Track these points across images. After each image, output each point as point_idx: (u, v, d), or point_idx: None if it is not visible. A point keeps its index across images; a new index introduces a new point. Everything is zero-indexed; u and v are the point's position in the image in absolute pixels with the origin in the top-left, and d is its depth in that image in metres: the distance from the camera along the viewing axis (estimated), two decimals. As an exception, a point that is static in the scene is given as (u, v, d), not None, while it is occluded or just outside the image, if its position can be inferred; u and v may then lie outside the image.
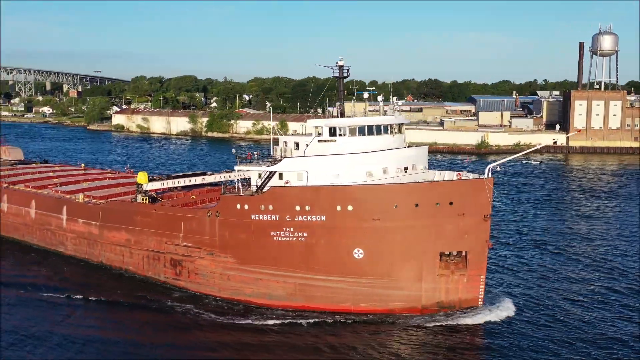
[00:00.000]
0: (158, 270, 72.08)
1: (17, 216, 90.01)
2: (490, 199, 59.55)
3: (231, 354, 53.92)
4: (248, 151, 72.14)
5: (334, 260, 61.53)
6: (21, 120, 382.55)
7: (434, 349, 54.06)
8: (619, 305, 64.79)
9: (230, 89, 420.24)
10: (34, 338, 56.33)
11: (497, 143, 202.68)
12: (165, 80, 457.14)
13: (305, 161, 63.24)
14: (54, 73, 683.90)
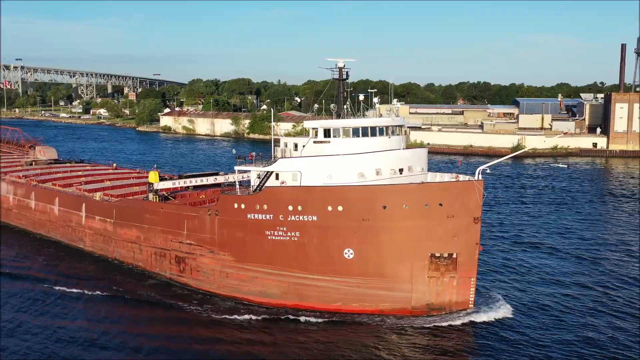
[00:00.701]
0: (164, 267, 73.51)
1: (43, 213, 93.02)
2: (480, 201, 58.74)
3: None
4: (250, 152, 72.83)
5: (325, 260, 61.67)
6: (77, 121, 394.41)
7: (422, 350, 53.46)
8: (616, 310, 63.11)
9: (280, 92, 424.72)
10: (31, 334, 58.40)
11: (534, 146, 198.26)
12: (221, 83, 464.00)
13: (299, 162, 63.58)
14: (115, 76, 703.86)
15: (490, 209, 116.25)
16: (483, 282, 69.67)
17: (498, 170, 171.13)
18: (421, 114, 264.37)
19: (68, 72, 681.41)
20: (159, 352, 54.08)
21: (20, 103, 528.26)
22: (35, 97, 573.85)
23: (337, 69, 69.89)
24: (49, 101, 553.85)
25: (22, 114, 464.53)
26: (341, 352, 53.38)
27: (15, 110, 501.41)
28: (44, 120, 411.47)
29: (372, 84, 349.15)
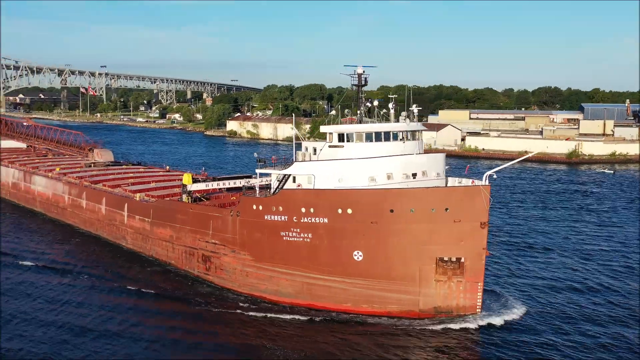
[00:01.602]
0: (193, 265, 75.98)
1: (92, 212, 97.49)
2: (486, 206, 58.31)
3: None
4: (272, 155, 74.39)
5: (335, 261, 62.52)
6: (151, 126, 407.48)
7: (427, 353, 53.49)
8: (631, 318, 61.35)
9: (349, 97, 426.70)
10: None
11: (591, 152, 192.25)
12: (295, 89, 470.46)
13: (313, 165, 64.79)
14: (194, 82, 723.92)
15: (509, 212, 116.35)
16: (492, 287, 69.10)
17: (543, 175, 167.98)
18: (482, 119, 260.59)
19: (150, 78, 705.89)
20: (179, 344, 56.23)
21: (102, 108, 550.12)
22: (116, 102, 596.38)
23: (357, 75, 70.80)
24: (130, 106, 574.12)
25: (103, 119, 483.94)
26: (346, 352, 53.83)
27: (97, 115, 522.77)
28: (121, 124, 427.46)
29: (423, 89, 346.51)
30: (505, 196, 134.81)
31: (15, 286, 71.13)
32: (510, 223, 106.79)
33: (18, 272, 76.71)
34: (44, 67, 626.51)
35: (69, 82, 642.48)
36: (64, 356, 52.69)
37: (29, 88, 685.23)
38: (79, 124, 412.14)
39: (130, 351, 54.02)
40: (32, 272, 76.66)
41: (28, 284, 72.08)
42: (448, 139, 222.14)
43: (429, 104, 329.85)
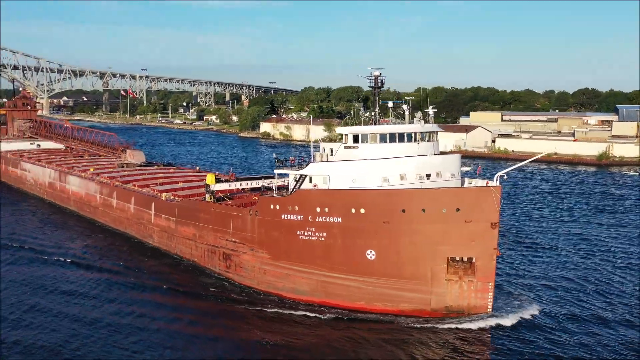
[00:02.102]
0: (214, 263, 77.51)
1: (122, 211, 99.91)
2: (497, 206, 58.44)
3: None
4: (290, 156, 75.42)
5: (349, 260, 63.29)
6: (188, 127, 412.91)
7: (439, 351, 53.86)
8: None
9: (384, 99, 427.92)
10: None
11: (622, 154, 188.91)
12: (332, 91, 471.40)
13: (328, 166, 65.69)
14: (233, 85, 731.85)
15: (524, 212, 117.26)
16: (504, 286, 69.46)
17: (567, 177, 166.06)
18: (515, 121, 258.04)
19: (189, 80, 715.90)
20: (198, 337, 57.76)
21: (141, 110, 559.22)
22: (156, 104, 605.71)
23: (373, 77, 71.49)
24: (169, 108, 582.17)
25: (141, 121, 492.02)
26: (356, 350, 54.63)
27: (137, 117, 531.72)
28: (159, 126, 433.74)
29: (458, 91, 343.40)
30: (521, 196, 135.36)
31: (38, 280, 73.63)
32: (525, 223, 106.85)
33: (45, 266, 79.38)
34: (87, 70, 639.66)
35: (111, 85, 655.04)
36: (86, 348, 54.60)
37: (73, 91, 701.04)
38: (118, 126, 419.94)
39: (150, 343, 55.81)
40: (59, 267, 79.18)
41: (54, 278, 74.42)
42: (478, 141, 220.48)
43: (463, 105, 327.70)
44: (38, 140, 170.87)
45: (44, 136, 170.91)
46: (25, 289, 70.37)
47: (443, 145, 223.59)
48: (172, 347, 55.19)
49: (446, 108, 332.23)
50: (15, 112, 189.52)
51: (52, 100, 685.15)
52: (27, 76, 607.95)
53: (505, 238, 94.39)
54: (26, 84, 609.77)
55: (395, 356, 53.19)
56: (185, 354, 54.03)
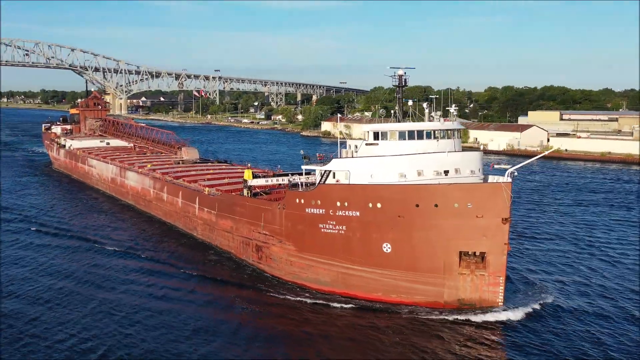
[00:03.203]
0: (248, 254, 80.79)
1: (171, 205, 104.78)
2: (507, 202, 59.09)
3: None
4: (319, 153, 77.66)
5: (367, 253, 65.18)
6: (255, 127, 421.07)
7: (449, 343, 54.85)
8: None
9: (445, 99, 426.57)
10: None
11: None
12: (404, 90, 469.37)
13: (348, 162, 67.79)
14: (304, 85, 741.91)
15: (544, 208, 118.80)
16: (516, 281, 70.42)
17: (612, 175, 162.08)
18: (574, 120, 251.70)
19: (261, 81, 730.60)
20: (227, 322, 60.78)
21: (213, 110, 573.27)
22: (227, 105, 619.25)
23: (397, 76, 73.11)
24: (240, 108, 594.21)
25: (212, 120, 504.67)
26: (374, 338, 56.44)
27: (208, 116, 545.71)
28: (227, 125, 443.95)
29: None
30: (543, 193, 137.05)
31: (90, 268, 78.65)
32: (545, 219, 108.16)
33: (95, 254, 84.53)
34: (163, 72, 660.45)
35: (185, 86, 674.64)
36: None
37: (153, 91, 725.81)
38: (189, 125, 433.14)
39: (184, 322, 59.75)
40: (110, 257, 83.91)
41: (106, 266, 79.17)
42: (533, 140, 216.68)
43: (528, 105, 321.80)
44: (107, 138, 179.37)
45: (111, 134, 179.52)
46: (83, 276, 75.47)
47: (496, 144, 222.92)
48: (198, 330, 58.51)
49: (510, 107, 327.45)
50: (87, 111, 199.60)
51: (132, 100, 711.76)
52: (107, 78, 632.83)
53: (524, 233, 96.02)
54: (106, 85, 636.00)
55: (407, 348, 54.29)
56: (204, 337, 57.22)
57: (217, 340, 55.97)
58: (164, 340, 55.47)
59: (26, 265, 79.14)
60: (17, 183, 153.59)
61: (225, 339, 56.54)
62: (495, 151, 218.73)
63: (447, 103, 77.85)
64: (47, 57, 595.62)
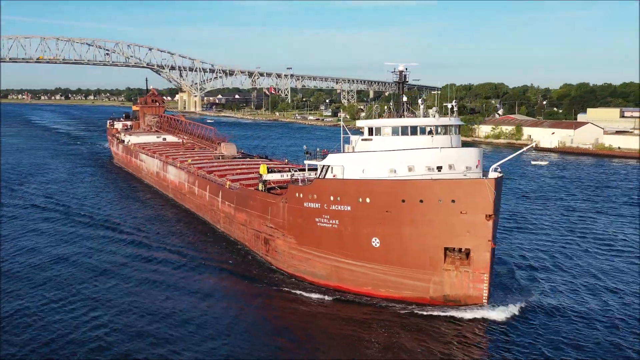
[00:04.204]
0: (258, 247, 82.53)
1: (201, 198, 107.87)
2: (491, 199, 58.22)
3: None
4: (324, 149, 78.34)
5: (357, 247, 65.58)
6: (318, 123, 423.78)
7: (432, 339, 54.66)
8: None
9: (515, 96, 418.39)
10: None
11: None
12: (473, 87, 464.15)
13: (343, 157, 68.35)
14: (376, 82, 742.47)
15: (544, 204, 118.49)
16: (504, 278, 69.81)
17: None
18: (636, 117, 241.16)
19: (333, 78, 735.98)
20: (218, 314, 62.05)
21: (282, 107, 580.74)
22: (296, 102, 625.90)
23: (398, 72, 73.02)
24: (310, 106, 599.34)
25: (279, 117, 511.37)
26: (354, 333, 56.76)
27: (276, 113, 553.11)
28: (293, 122, 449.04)
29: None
30: (544, 188, 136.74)
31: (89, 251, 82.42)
32: (542, 215, 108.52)
33: (122, 245, 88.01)
34: (236, 70, 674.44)
35: (258, 84, 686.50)
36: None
37: (230, 89, 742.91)
38: (256, 122, 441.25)
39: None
40: (133, 247, 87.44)
41: (128, 256, 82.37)
42: (587, 137, 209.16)
43: (594, 102, 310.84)
44: (163, 134, 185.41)
45: (165, 130, 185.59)
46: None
47: (548, 142, 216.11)
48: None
49: (578, 104, 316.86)
50: (146, 108, 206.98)
51: (208, 98, 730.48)
52: (183, 76, 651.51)
53: (526, 229, 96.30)
54: (182, 83, 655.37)
55: (385, 345, 54.22)
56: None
57: (200, 331, 57.34)
58: (148, 328, 57.36)
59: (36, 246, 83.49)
60: (72, 174, 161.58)
61: (209, 331, 57.27)
62: (547, 148, 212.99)
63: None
64: (126, 56, 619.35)
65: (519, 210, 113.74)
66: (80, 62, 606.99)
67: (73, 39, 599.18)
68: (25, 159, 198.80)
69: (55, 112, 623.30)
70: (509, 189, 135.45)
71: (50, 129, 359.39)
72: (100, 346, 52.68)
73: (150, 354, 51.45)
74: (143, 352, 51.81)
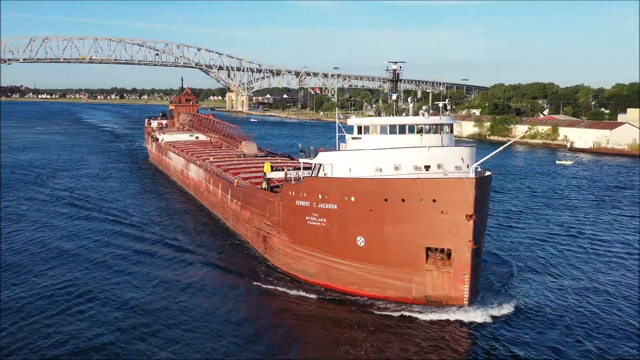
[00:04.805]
0: (258, 244, 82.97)
1: (214, 195, 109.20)
2: (472, 199, 57.15)
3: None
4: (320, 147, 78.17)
5: (344, 245, 65.23)
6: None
7: (409, 340, 53.87)
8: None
9: (565, 95, 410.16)
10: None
11: None
12: (521, 87, 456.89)
13: (331, 155, 68.20)
14: (424, 82, 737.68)
15: (545, 202, 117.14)
16: (492, 279, 68.82)
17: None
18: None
19: (379, 78, 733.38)
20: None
21: (327, 107, 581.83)
22: (342, 101, 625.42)
23: (391, 70, 72.46)
24: (355, 105, 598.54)
25: (322, 117, 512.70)
26: (334, 333, 56.23)
27: (320, 113, 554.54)
28: (334, 121, 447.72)
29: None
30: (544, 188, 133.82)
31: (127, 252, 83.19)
32: (544, 214, 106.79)
33: (111, 236, 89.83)
34: (283, 70, 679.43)
35: (305, 83, 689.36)
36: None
37: (280, 88, 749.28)
38: (298, 121, 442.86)
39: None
40: (134, 240, 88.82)
41: (127, 248, 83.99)
42: (624, 138, 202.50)
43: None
44: (196, 133, 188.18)
45: (196, 129, 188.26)
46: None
47: (583, 142, 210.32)
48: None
49: (622, 104, 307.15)
50: (180, 107, 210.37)
51: (257, 97, 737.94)
52: (231, 76, 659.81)
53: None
54: (230, 83, 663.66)
55: (362, 345, 53.55)
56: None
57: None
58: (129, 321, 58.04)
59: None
60: (103, 170, 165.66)
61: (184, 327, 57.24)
62: (581, 149, 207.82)
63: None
64: (175, 56, 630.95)
65: (520, 210, 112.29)
66: (131, 62, 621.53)
67: (124, 40, 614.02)
68: (64, 155, 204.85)
69: (107, 111, 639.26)
70: (516, 187, 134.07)
71: (96, 127, 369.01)
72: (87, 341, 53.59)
73: (124, 346, 52.31)
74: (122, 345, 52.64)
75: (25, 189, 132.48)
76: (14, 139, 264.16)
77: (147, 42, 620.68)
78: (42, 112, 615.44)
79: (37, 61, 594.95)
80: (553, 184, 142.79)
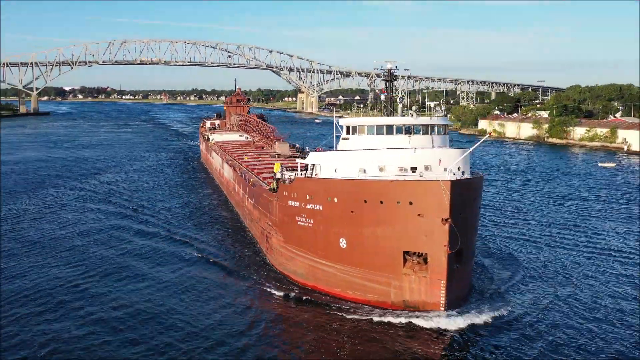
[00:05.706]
0: (263, 243, 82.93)
1: (237, 194, 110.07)
2: (447, 202, 54.98)
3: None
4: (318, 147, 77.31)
5: (328, 247, 64.17)
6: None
7: (383, 347, 52.31)
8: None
9: (635, 97, 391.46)
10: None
11: None
12: (596, 88, 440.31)
13: (320, 156, 67.40)
14: (498, 83, 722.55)
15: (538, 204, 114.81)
16: (481, 284, 66.78)
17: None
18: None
19: (451, 79, 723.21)
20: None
21: (395, 108, 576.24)
22: (410, 103, 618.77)
23: (387, 70, 70.80)
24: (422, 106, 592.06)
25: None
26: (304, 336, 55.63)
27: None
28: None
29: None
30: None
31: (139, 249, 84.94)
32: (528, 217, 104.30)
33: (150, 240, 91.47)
34: (353, 71, 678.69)
35: (375, 85, 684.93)
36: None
37: (354, 89, 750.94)
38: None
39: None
40: (146, 238, 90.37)
41: (138, 244, 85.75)
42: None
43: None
44: (245, 133, 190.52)
45: (244, 129, 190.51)
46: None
47: (627, 144, 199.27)
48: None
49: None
50: (232, 107, 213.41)
51: (329, 98, 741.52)
52: (302, 77, 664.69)
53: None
54: (300, 85, 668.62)
55: (332, 352, 52.45)
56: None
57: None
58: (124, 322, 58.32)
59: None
60: (149, 168, 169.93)
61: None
62: (638, 152, 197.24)
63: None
64: (247, 58, 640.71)
65: (523, 208, 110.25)
66: (205, 64, 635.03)
67: (198, 42, 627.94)
68: (123, 152, 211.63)
69: (182, 112, 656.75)
70: (539, 188, 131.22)
71: (164, 126, 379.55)
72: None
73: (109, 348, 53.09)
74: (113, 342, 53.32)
75: (71, 182, 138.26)
76: (81, 137, 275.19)
77: (219, 45, 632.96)
78: (120, 112, 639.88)
79: (115, 63, 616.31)
80: (581, 186, 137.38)
